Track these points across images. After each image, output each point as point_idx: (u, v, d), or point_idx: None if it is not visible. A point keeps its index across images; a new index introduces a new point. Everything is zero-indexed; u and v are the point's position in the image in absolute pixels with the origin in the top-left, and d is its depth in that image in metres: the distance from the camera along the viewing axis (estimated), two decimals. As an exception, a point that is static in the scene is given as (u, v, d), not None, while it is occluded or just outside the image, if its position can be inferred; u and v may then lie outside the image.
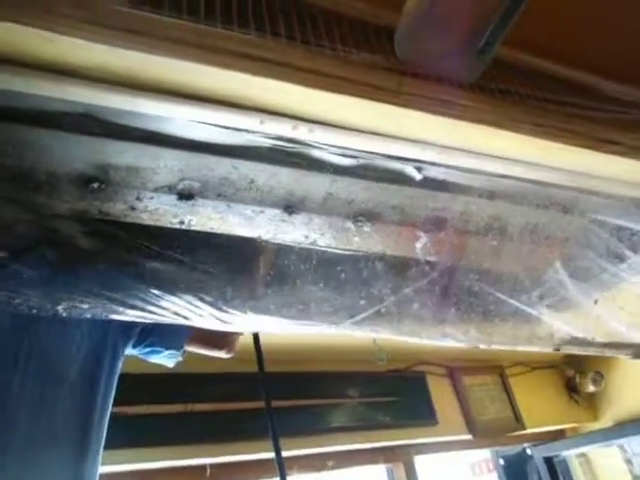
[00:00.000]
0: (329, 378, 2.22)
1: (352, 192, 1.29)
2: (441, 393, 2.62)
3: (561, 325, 1.31)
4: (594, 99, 1.27)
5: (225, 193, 1.20)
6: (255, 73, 0.77)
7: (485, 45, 0.67)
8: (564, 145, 1.07)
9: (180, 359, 1.41)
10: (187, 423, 1.93)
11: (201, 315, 1.08)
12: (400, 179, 1.28)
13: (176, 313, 1.06)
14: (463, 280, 1.42)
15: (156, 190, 1.17)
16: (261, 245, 1.26)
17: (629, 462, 2.91)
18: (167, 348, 1.39)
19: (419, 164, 1.22)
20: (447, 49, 0.68)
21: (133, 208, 1.19)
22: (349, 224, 1.39)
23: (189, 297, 1.07)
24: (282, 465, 1.58)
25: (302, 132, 0.89)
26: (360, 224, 1.39)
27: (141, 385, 1.81)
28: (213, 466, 2.08)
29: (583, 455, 3.17)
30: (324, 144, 1.06)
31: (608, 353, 1.30)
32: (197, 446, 1.97)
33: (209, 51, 0.74)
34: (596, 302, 1.43)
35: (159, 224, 1.26)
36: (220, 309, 1.10)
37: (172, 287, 1.06)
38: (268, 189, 1.22)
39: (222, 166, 1.14)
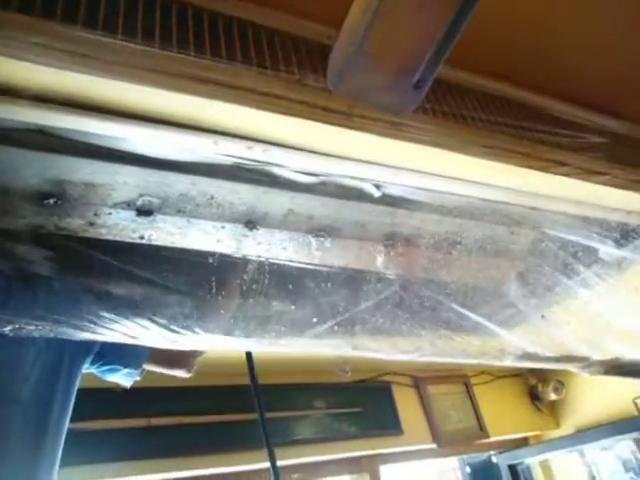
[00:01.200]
0: (295, 390, 2.23)
1: (312, 208, 1.32)
2: (406, 403, 2.65)
3: (512, 339, 1.35)
4: (544, 122, 1.32)
5: (185, 209, 1.21)
6: (209, 96, 0.78)
7: (420, 80, 0.70)
8: (513, 167, 1.11)
9: (138, 379, 1.40)
10: (148, 438, 1.90)
11: (150, 335, 1.08)
12: (359, 196, 1.30)
13: (125, 334, 1.06)
14: (419, 294, 1.45)
15: (115, 206, 1.17)
16: (217, 261, 1.27)
17: (588, 467, 3.00)
18: (125, 366, 1.37)
19: (377, 182, 1.25)
20: (379, 84, 0.71)
21: (92, 224, 1.18)
22: (310, 239, 1.41)
23: (139, 318, 1.06)
24: (278, 476, 1.60)
25: (257, 152, 0.91)
26: (321, 239, 1.42)
27: (100, 399, 1.78)
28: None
29: (545, 461, 3.25)
30: (284, 164, 1.09)
31: (559, 367, 1.35)
32: (158, 461, 1.95)
33: (161, 74, 0.76)
34: (543, 317, 1.48)
35: (118, 239, 1.26)
36: (170, 329, 1.10)
37: (125, 307, 1.06)
38: (228, 205, 1.23)
39: (181, 182, 1.15)
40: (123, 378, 1.38)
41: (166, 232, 1.26)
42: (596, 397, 2.94)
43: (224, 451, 2.04)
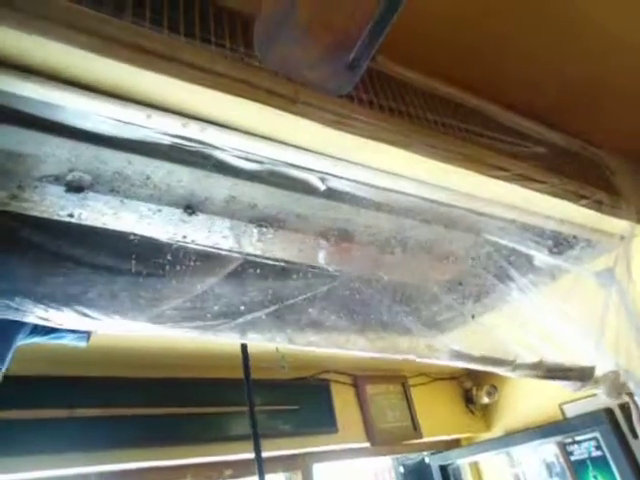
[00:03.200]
0: (230, 385, 2.18)
1: (255, 197, 1.28)
2: (344, 401, 2.66)
3: (442, 339, 1.38)
4: (489, 128, 1.35)
5: (119, 188, 1.15)
6: (143, 66, 0.74)
7: (354, 60, 0.68)
8: (454, 167, 1.13)
9: (87, 341, 1.34)
10: (71, 429, 1.81)
11: (64, 317, 1.02)
12: (305, 188, 1.28)
13: (39, 317, 0.99)
14: (357, 291, 1.45)
15: (42, 179, 1.10)
16: (147, 245, 1.21)
17: (515, 469, 3.11)
18: (72, 332, 1.32)
19: (323, 175, 1.24)
20: (310, 59, 0.69)
21: (14, 196, 1.10)
22: (252, 228, 1.38)
23: (54, 302, 1.00)
24: (261, 466, 1.67)
25: (193, 131, 0.87)
26: (263, 229, 1.39)
27: (21, 388, 1.67)
28: (101, 475, 1.97)
29: (475, 462, 3.34)
30: (225, 146, 1.05)
31: (486, 368, 1.38)
32: (82, 454, 1.85)
33: (92, 36, 0.71)
34: (473, 317, 1.52)
35: (45, 216, 1.18)
36: (85, 313, 1.04)
37: (36, 287, 1.00)
38: (166, 187, 1.18)
39: (115, 160, 1.08)
40: (73, 342, 1.32)
41: (97, 212, 1.19)
42: (525, 402, 3.05)
43: (150, 445, 1.97)
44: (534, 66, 1.48)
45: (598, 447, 2.55)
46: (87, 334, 1.37)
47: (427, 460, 3.39)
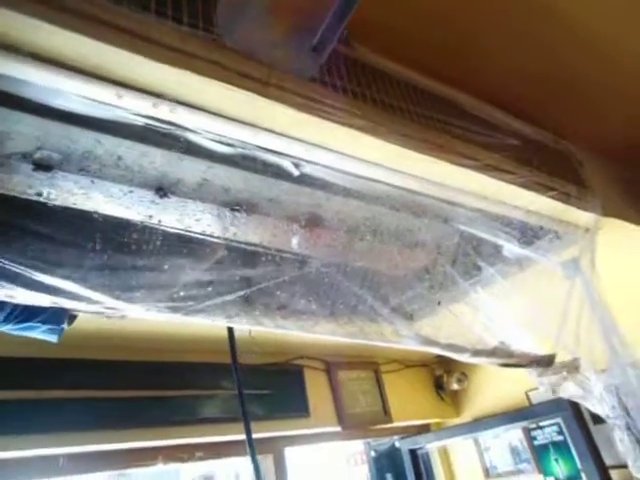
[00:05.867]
0: (202, 369, 2.19)
1: (229, 180, 1.28)
2: (316, 386, 2.69)
3: (409, 324, 1.41)
4: (462, 118, 1.37)
5: (89, 168, 1.14)
6: (113, 43, 0.73)
7: (318, 42, 0.68)
8: (425, 156, 1.14)
9: (62, 333, 1.32)
10: (38, 411, 1.79)
11: (31, 295, 1.01)
12: (278, 173, 1.28)
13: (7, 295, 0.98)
14: (328, 276, 1.46)
15: (9, 157, 1.08)
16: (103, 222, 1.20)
17: (481, 454, 3.20)
18: (44, 323, 1.29)
19: (296, 160, 1.24)
20: (274, 40, 0.69)
21: (-21, 173, 1.08)
22: (225, 212, 1.38)
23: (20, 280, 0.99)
24: (253, 447, 1.66)
25: (164, 111, 0.86)
26: (237, 213, 1.39)
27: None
28: (70, 457, 1.96)
29: (444, 447, 3.43)
30: (197, 128, 1.05)
31: (449, 354, 1.42)
32: (51, 435, 1.84)
33: (61, 12, 0.70)
34: (439, 304, 1.55)
35: (13, 194, 1.16)
36: (50, 290, 1.03)
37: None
38: (138, 168, 1.17)
39: (86, 139, 1.07)
40: (45, 335, 1.30)
41: (67, 191, 1.18)
42: (494, 389, 3.14)
43: (121, 427, 1.97)
44: (507, 59, 1.50)
45: (560, 432, 2.65)
46: (60, 329, 1.34)
47: (397, 444, 3.46)
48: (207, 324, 1.45)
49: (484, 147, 1.34)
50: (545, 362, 1.44)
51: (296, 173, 1.29)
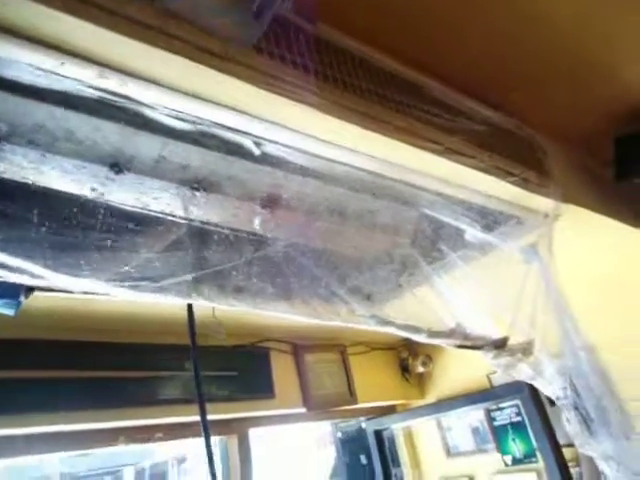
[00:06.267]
0: (164, 351, 2.17)
1: (187, 158, 1.25)
2: (283, 368, 2.70)
3: (367, 305, 1.42)
4: (425, 101, 1.37)
5: (39, 141, 1.09)
6: (53, 6, 0.70)
7: (258, 9, 0.67)
8: (385, 137, 1.14)
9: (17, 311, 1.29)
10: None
11: None
12: (239, 151, 1.26)
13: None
14: (287, 256, 1.46)
15: (-49, 127, 1.03)
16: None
17: (443, 434, 3.28)
18: (1, 297, 1.26)
19: (257, 139, 1.22)
20: (212, 6, 0.67)
21: None
22: (184, 191, 1.35)
23: None
24: (207, 429, 1.61)
25: (112, 83, 0.83)
26: (196, 192, 1.36)
27: None
28: (28, 437, 1.93)
29: (408, 428, 3.50)
30: (154, 103, 1.02)
31: (406, 334, 1.44)
32: (8, 416, 1.80)
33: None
34: (401, 286, 1.57)
35: (-42, 167, 1.11)
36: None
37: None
38: (91, 143, 1.13)
39: (36, 111, 1.03)
40: (2, 309, 1.27)
41: (17, 165, 1.13)
42: (457, 372, 3.21)
43: (81, 408, 1.94)
44: (474, 44, 1.50)
45: (518, 413, 2.73)
46: (17, 303, 1.31)
47: (363, 425, 3.52)
48: (169, 304, 1.43)
49: (446, 131, 1.34)
50: (499, 344, 1.48)
51: (257, 152, 1.28)
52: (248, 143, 1.24)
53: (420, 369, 3.37)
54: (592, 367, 1.39)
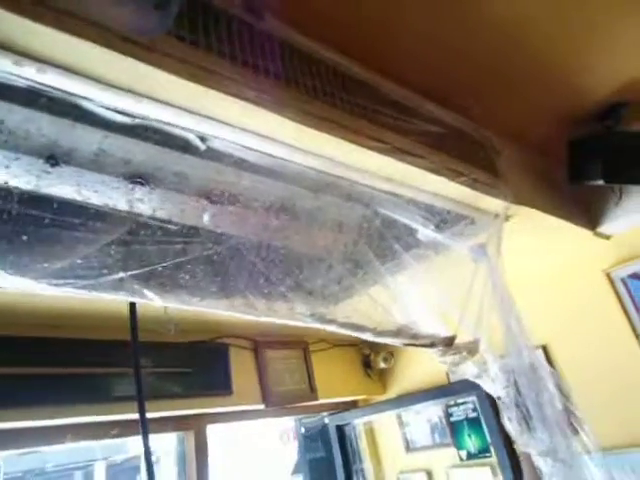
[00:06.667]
0: (118, 347, 2.13)
1: (129, 152, 1.22)
2: (242, 365, 2.69)
3: (309, 303, 1.41)
4: (375, 100, 1.36)
5: (-34, 131, 1.05)
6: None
7: (160, 2, 0.64)
8: (328, 135, 1.13)
9: None
10: None
11: None
12: (184, 146, 1.24)
13: None
14: (240, 254, 1.44)
15: None
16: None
17: (403, 428, 3.32)
18: None
19: (202, 133, 1.20)
20: None
21: None
22: (127, 185, 1.32)
23: None
24: (146, 425, 1.58)
25: (29, 71, 0.80)
26: (140, 187, 1.33)
27: None
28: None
29: (369, 422, 3.53)
30: (86, 95, 0.98)
31: (351, 332, 1.44)
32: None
33: None
34: (353, 285, 1.57)
35: None
36: None
37: None
38: (24, 134, 1.10)
39: (-40, 99, 0.99)
40: None
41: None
42: (417, 368, 3.25)
43: (27, 405, 1.89)
44: (432, 46, 1.49)
45: (474, 409, 2.78)
46: None
47: (327, 421, 3.53)
48: (120, 300, 1.40)
49: (395, 130, 1.34)
50: (446, 343, 1.49)
51: (202, 147, 1.25)
52: (193, 138, 1.21)
53: (382, 365, 3.39)
54: (534, 365, 1.42)
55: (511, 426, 1.39)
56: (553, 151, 2.14)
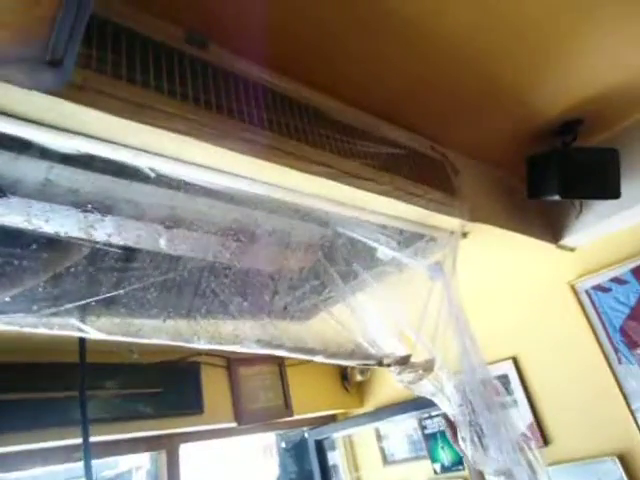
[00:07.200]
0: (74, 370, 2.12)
1: (76, 181, 1.23)
2: (214, 383, 2.68)
3: (258, 326, 1.43)
4: (323, 125, 1.38)
5: None
6: None
7: (54, 58, 0.65)
8: (273, 164, 1.15)
9: None
10: None
11: None
12: (133, 174, 1.25)
13: None
14: (193, 276, 1.45)
15: None
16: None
17: (381, 442, 3.32)
18: None
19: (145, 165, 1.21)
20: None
21: None
22: (77, 213, 1.32)
23: None
24: (88, 450, 1.61)
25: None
26: (90, 215, 1.34)
27: None
28: None
29: (348, 436, 3.53)
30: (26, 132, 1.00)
31: (298, 355, 1.46)
32: None
33: None
34: (315, 305, 1.58)
35: None
36: None
37: None
38: (-34, 168, 1.11)
39: None
40: None
41: None
42: (393, 380, 3.25)
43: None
44: (380, 65, 1.52)
45: (448, 421, 2.79)
46: None
47: (306, 435, 3.53)
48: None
49: (343, 154, 1.36)
50: (402, 361, 1.51)
51: (152, 174, 1.27)
52: (141, 166, 1.23)
53: (359, 377, 3.41)
54: (486, 382, 1.44)
55: (464, 445, 1.41)
56: (513, 167, 2.18)
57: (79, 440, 2.12)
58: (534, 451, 1.43)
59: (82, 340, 1.50)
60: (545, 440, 2.41)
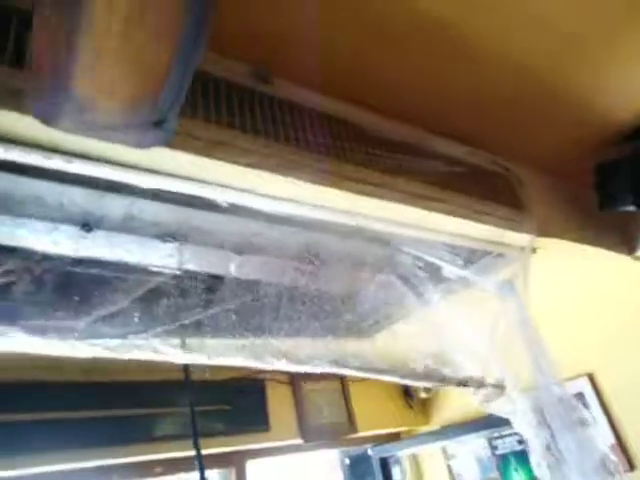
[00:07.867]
0: (160, 388, 2.21)
1: (156, 214, 1.31)
2: (279, 400, 2.72)
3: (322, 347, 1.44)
4: (387, 147, 1.39)
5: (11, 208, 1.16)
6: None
7: (160, 119, 0.69)
8: (342, 191, 1.17)
9: None
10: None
11: None
12: (208, 204, 1.31)
13: None
14: (266, 301, 1.50)
15: None
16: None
17: (448, 461, 3.24)
18: None
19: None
20: (105, 124, 0.69)
21: None
22: (157, 244, 1.40)
23: None
24: (201, 463, 1.81)
25: (58, 162, 0.89)
26: (168, 244, 1.41)
27: None
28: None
29: (414, 454, 3.46)
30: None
31: (364, 374, 1.45)
32: (8, 458, 1.86)
33: None
34: (378, 323, 1.58)
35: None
36: None
37: None
38: (58, 206, 1.20)
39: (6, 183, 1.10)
40: None
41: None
42: (459, 397, 3.17)
43: (73, 448, 1.99)
44: (452, 94, 1.52)
45: (520, 442, 2.69)
46: None
47: (370, 452, 3.50)
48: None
49: (405, 175, 1.36)
50: (475, 383, 1.48)
51: (224, 204, 1.32)
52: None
53: (423, 395, 3.35)
54: (564, 401, 1.38)
55: (540, 472, 1.35)
56: (580, 176, 2.09)
57: (156, 456, 2.23)
58: (622, 476, 1.36)
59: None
60: (631, 464, 2.27)
